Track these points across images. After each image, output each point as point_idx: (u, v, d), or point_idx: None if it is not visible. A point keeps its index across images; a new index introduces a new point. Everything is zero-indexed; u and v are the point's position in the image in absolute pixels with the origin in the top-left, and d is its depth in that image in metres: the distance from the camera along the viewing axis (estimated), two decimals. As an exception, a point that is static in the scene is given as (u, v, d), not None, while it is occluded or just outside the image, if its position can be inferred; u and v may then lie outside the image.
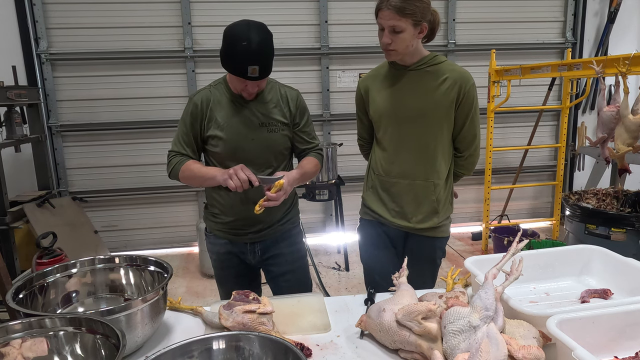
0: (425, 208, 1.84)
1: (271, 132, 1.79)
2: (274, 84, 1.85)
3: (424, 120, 1.77)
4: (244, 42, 1.58)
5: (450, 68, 1.76)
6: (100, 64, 4.28)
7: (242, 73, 1.61)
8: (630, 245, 3.04)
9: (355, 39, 4.51)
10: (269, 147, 1.80)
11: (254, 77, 1.62)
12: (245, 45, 1.57)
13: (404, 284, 1.39)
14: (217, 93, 1.79)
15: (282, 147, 1.83)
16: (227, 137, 1.76)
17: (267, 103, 1.79)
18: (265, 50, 1.61)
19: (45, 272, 1.40)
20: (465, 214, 5.09)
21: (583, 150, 4.50)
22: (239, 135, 1.76)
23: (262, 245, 1.90)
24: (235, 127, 1.76)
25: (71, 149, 4.38)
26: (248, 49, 1.58)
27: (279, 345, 1.08)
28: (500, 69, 3.90)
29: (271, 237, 1.90)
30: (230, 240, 1.89)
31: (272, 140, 1.80)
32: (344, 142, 4.28)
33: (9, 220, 3.25)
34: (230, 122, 1.76)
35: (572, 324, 1.10)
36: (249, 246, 1.90)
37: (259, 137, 1.77)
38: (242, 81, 1.66)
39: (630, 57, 2.14)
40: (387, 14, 1.63)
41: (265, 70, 1.64)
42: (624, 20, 4.83)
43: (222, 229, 1.88)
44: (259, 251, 1.91)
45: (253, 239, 1.88)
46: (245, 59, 1.59)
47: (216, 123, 1.76)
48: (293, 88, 1.89)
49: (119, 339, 1.00)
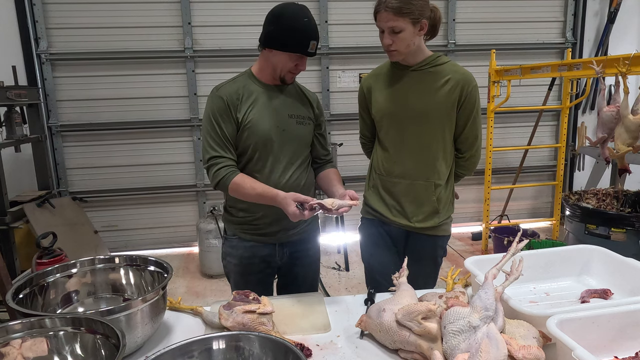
0: (426, 208, 1.84)
1: (300, 124, 1.78)
2: (296, 83, 1.87)
3: (425, 120, 1.77)
4: (305, 19, 1.66)
5: (453, 69, 1.76)
6: (100, 64, 4.28)
7: (304, 48, 1.66)
8: (630, 245, 3.04)
9: (355, 39, 4.51)
10: (297, 140, 1.78)
11: (312, 52, 1.69)
12: (306, 21, 1.66)
13: (404, 284, 1.39)
14: (244, 85, 1.74)
15: (307, 142, 1.83)
16: (258, 127, 1.70)
17: (294, 97, 1.81)
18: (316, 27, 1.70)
19: (45, 272, 1.40)
20: (465, 214, 5.09)
21: (583, 150, 4.50)
22: (270, 126, 1.72)
23: (289, 246, 1.86)
24: (266, 118, 1.72)
25: (71, 149, 4.38)
26: (309, 25, 1.66)
27: (279, 345, 1.08)
28: (500, 69, 3.90)
29: (299, 238, 1.87)
30: (258, 242, 1.81)
31: (301, 133, 1.79)
32: (345, 142, 4.28)
33: (9, 220, 3.25)
34: (261, 113, 1.72)
35: (572, 324, 1.10)
36: (277, 247, 1.84)
37: (289, 128, 1.75)
38: (294, 59, 1.69)
39: (630, 57, 2.14)
40: (384, 15, 1.64)
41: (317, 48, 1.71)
42: (624, 20, 4.83)
43: (248, 230, 1.80)
44: (287, 252, 1.86)
45: (282, 239, 1.82)
46: (308, 34, 1.66)
47: (247, 114, 1.70)
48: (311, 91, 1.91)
49: (119, 339, 1.00)
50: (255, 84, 1.75)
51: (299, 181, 1.78)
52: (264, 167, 1.73)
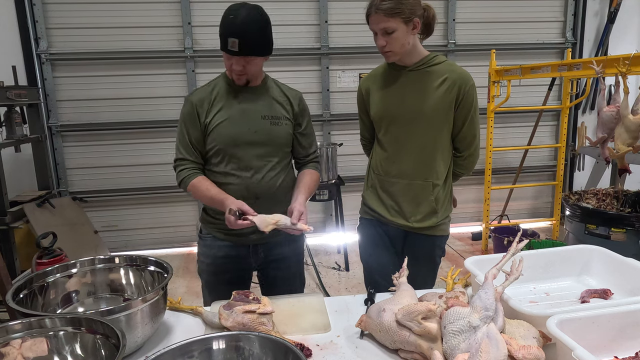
0: (424, 208, 1.84)
1: (274, 124, 1.76)
2: (276, 83, 1.85)
3: (423, 121, 1.77)
4: (230, 16, 1.63)
5: (450, 68, 1.76)
6: (100, 64, 4.28)
7: (224, 46, 1.63)
8: (630, 245, 3.04)
9: (355, 39, 4.51)
10: (271, 141, 1.76)
11: (234, 51, 1.62)
12: (231, 18, 1.62)
13: (404, 284, 1.39)
14: (217, 88, 1.78)
15: (284, 142, 1.81)
16: (225, 131, 1.73)
17: (270, 97, 1.79)
18: (249, 26, 1.61)
19: (45, 272, 1.40)
20: (465, 214, 5.10)
21: (583, 150, 4.50)
22: (239, 126, 1.73)
23: (264, 247, 1.84)
24: (235, 121, 1.73)
25: (71, 149, 4.38)
26: (232, 22, 1.61)
27: (279, 345, 1.08)
28: (500, 69, 3.90)
29: (275, 240, 1.83)
30: (233, 243, 1.83)
31: (275, 134, 1.77)
32: (344, 142, 4.28)
33: (9, 220, 3.24)
34: (230, 116, 1.73)
35: (572, 324, 1.10)
36: (251, 248, 1.84)
37: (261, 129, 1.74)
38: (228, 59, 1.67)
39: (630, 57, 2.14)
40: (376, 17, 1.64)
41: (247, 47, 1.62)
42: (624, 20, 4.83)
43: (223, 230, 1.79)
44: (262, 253, 1.85)
45: (256, 240, 1.81)
46: (229, 31, 1.62)
47: (217, 116, 1.73)
48: (294, 89, 1.88)
49: (119, 339, 1.00)
50: (229, 86, 1.77)
51: (274, 182, 1.76)
52: (236, 169, 1.75)
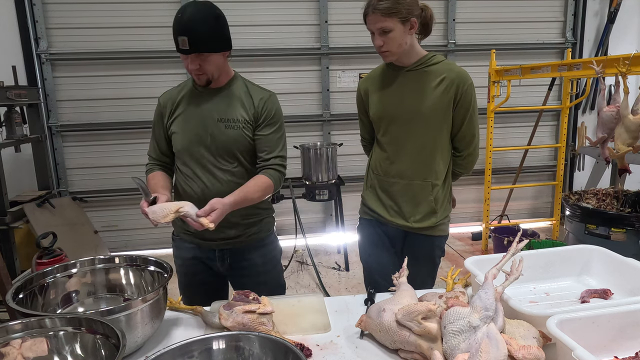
0: (423, 208, 1.84)
1: (229, 128, 1.70)
2: (246, 83, 1.79)
3: (421, 121, 1.77)
4: (179, 15, 1.60)
5: (448, 68, 1.76)
6: (100, 64, 4.28)
7: (177, 45, 1.60)
8: (630, 245, 3.04)
9: (355, 39, 4.50)
10: (225, 145, 1.71)
11: (185, 49, 1.59)
12: (179, 17, 1.59)
13: (404, 284, 1.39)
14: (184, 89, 1.77)
15: (243, 146, 1.73)
16: (183, 131, 1.72)
17: (231, 99, 1.73)
18: (197, 22, 1.57)
19: (45, 272, 1.40)
20: (465, 214, 5.10)
21: (583, 150, 4.50)
22: (196, 129, 1.71)
23: (231, 253, 1.80)
24: (191, 121, 1.72)
25: (71, 149, 4.38)
26: (180, 20, 1.59)
27: (279, 345, 1.08)
28: (500, 69, 3.90)
29: (243, 246, 1.80)
30: (198, 245, 1.80)
31: (230, 138, 1.70)
32: (344, 142, 4.28)
33: (9, 220, 3.24)
34: (187, 116, 1.73)
35: (572, 324, 1.10)
36: (217, 253, 1.79)
37: (215, 133, 1.70)
38: (184, 59, 1.64)
39: (630, 57, 2.14)
40: (373, 17, 1.65)
41: (197, 44, 1.58)
42: (624, 20, 4.83)
43: (189, 231, 1.77)
44: (229, 259, 1.81)
45: (221, 245, 1.77)
46: (176, 30, 1.59)
47: (177, 119, 1.74)
48: (267, 90, 1.80)
49: (119, 339, 1.00)
50: (194, 87, 1.76)
51: (231, 188, 1.68)
52: (193, 173, 1.74)
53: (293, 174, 4.37)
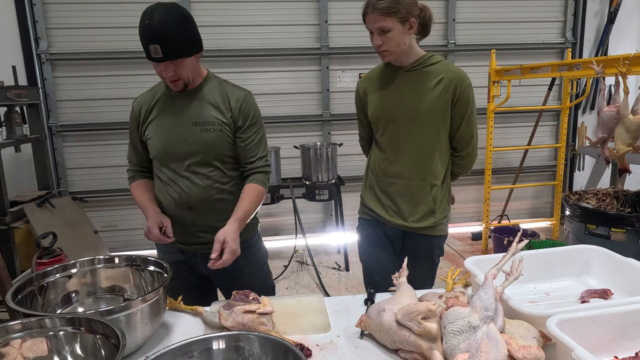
0: (422, 208, 1.84)
1: (205, 131, 1.65)
2: (220, 82, 1.74)
3: (420, 121, 1.77)
4: (145, 21, 1.53)
5: (446, 68, 1.76)
6: (100, 64, 4.28)
7: (147, 54, 1.54)
8: (630, 245, 3.04)
9: (355, 39, 4.50)
10: (204, 148, 1.66)
11: (158, 57, 1.52)
12: (146, 24, 1.52)
13: (404, 284, 1.39)
14: (158, 93, 1.73)
15: (221, 149, 1.68)
16: (157, 136, 1.68)
17: (204, 101, 1.68)
18: (167, 28, 1.50)
19: (45, 272, 1.40)
20: (465, 214, 5.09)
21: (583, 150, 4.50)
22: (170, 134, 1.67)
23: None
24: (166, 126, 1.68)
25: (71, 149, 4.38)
26: (148, 27, 1.51)
27: (279, 345, 1.08)
28: (500, 69, 3.90)
29: None
30: (181, 250, 1.78)
31: (206, 141, 1.65)
32: (344, 142, 4.28)
33: (9, 220, 3.24)
34: (161, 121, 1.69)
35: (572, 324, 1.10)
36: (200, 256, 1.76)
37: (190, 136, 1.65)
38: (157, 66, 1.57)
39: (630, 57, 2.14)
40: (372, 17, 1.65)
41: (170, 52, 1.52)
42: (624, 20, 4.83)
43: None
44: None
45: (203, 249, 1.71)
46: (145, 37, 1.53)
47: (151, 124, 1.70)
48: (242, 88, 1.75)
49: (119, 339, 1.00)
50: (167, 91, 1.72)
51: (209, 192, 1.67)
52: (170, 178, 1.71)
53: (293, 174, 4.37)
